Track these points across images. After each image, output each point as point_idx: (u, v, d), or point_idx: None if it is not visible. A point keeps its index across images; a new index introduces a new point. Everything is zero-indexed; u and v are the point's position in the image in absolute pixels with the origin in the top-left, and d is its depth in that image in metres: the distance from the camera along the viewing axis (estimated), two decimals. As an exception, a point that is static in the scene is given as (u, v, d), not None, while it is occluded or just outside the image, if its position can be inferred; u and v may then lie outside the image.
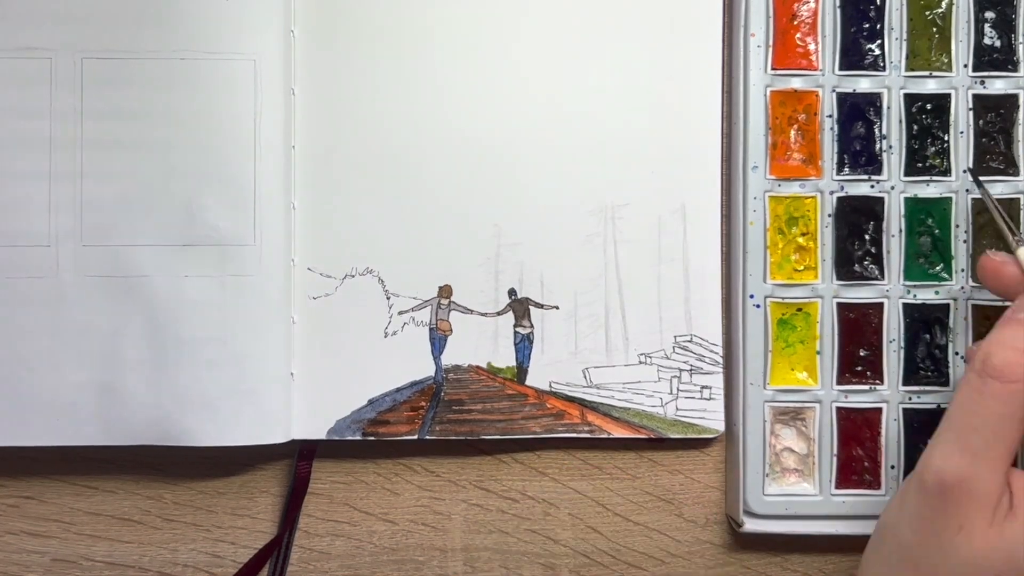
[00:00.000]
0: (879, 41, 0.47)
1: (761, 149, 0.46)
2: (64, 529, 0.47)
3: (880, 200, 0.46)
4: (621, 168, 0.47)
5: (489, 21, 0.47)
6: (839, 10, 0.47)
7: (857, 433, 0.46)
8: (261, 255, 0.45)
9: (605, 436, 0.47)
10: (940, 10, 0.47)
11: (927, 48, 0.47)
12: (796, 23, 0.47)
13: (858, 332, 0.47)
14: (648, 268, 0.47)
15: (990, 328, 0.46)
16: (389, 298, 0.46)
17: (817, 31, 0.47)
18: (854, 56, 0.47)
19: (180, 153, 0.44)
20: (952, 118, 0.46)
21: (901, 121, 0.47)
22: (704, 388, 0.47)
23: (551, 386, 0.47)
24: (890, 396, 0.46)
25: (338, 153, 0.46)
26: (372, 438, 0.46)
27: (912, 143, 0.47)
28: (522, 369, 0.47)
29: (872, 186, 0.46)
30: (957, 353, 0.46)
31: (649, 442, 0.47)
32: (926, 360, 0.47)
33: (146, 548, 0.47)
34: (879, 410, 0.46)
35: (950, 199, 0.46)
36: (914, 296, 0.46)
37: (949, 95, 0.47)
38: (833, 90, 0.47)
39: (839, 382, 0.46)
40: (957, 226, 0.46)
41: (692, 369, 0.47)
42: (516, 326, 0.47)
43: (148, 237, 0.44)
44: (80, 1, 0.44)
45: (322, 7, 0.46)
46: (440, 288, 0.47)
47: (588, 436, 0.46)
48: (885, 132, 0.47)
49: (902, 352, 0.46)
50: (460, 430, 0.46)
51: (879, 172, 0.47)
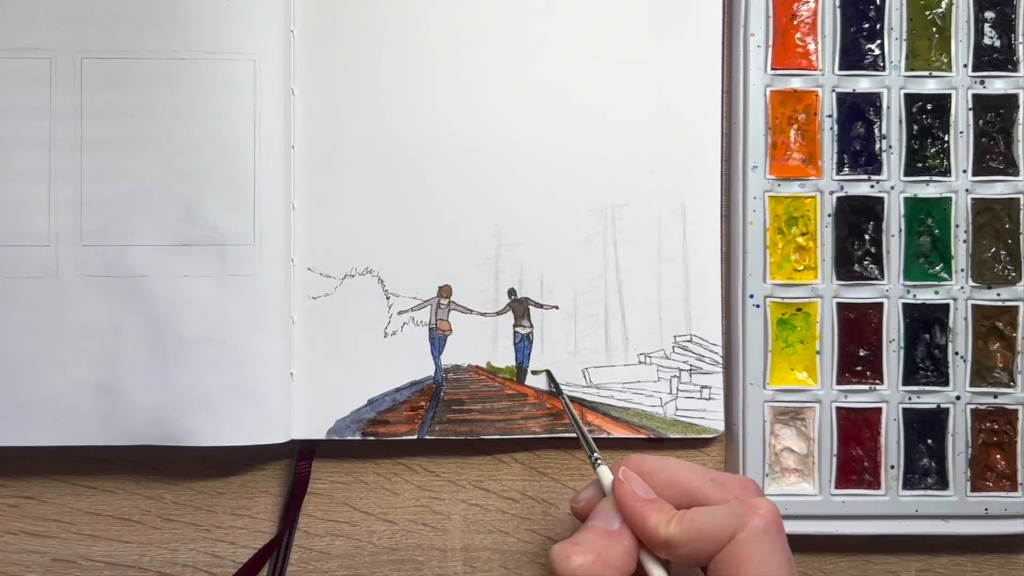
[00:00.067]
0: (879, 41, 0.47)
1: (761, 149, 0.46)
2: (64, 529, 0.47)
3: (880, 200, 0.46)
4: (621, 168, 0.47)
5: (489, 21, 0.47)
6: (839, 10, 0.47)
7: (857, 433, 0.46)
8: (261, 255, 0.45)
9: (605, 436, 0.47)
10: (940, 10, 0.47)
11: (927, 48, 0.47)
12: (796, 23, 0.47)
13: (858, 332, 0.47)
14: (648, 268, 0.47)
15: (990, 328, 0.46)
16: (389, 298, 0.46)
17: (817, 31, 0.47)
18: (854, 56, 0.47)
19: (180, 153, 0.44)
20: (952, 118, 0.46)
21: (901, 121, 0.47)
22: (704, 388, 0.47)
23: (551, 386, 0.47)
24: (890, 396, 0.46)
25: (338, 153, 0.46)
26: (372, 438, 0.46)
27: (912, 143, 0.47)
28: (522, 369, 0.47)
29: (872, 186, 0.46)
30: (957, 353, 0.46)
31: (649, 442, 0.47)
32: (926, 360, 0.47)
33: (146, 548, 0.47)
34: (879, 410, 0.46)
35: (950, 199, 0.46)
36: (914, 296, 0.46)
37: (949, 95, 0.47)
38: (833, 90, 0.47)
39: (839, 382, 0.46)
40: (957, 226, 0.46)
41: (692, 369, 0.47)
42: (516, 326, 0.47)
43: (148, 237, 0.44)
44: (80, 1, 0.44)
45: (322, 7, 0.46)
46: (440, 288, 0.47)
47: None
48: (885, 132, 0.47)
49: (902, 352, 0.46)
50: (460, 430, 0.46)
51: (879, 172, 0.47)
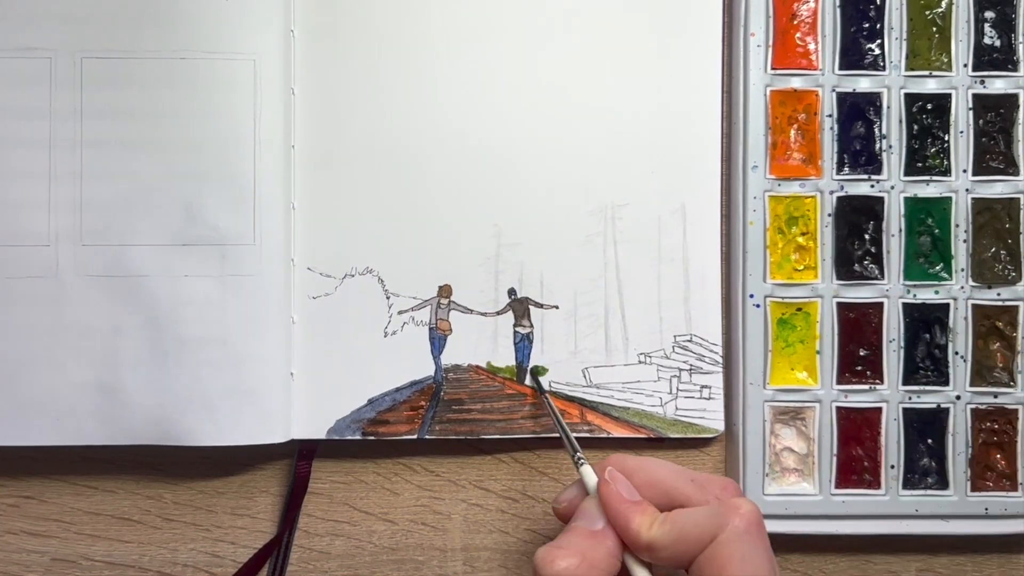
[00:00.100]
0: (879, 41, 0.47)
1: (761, 149, 0.46)
2: (64, 529, 0.47)
3: (880, 200, 0.46)
4: (621, 168, 0.47)
5: (489, 21, 0.47)
6: (839, 10, 0.47)
7: (857, 433, 0.46)
8: (261, 255, 0.45)
9: (605, 436, 0.47)
10: (940, 10, 0.47)
11: (927, 48, 0.47)
12: (796, 23, 0.47)
13: (858, 332, 0.47)
14: (648, 268, 0.47)
15: (990, 327, 0.46)
16: (389, 298, 0.46)
17: (817, 31, 0.47)
18: (854, 56, 0.47)
19: (180, 153, 0.44)
20: (952, 118, 0.46)
21: (901, 121, 0.47)
22: (704, 388, 0.47)
23: (551, 386, 0.47)
24: (890, 396, 0.46)
25: (338, 153, 0.46)
26: (372, 438, 0.46)
27: (912, 143, 0.47)
28: (522, 369, 0.47)
29: (872, 186, 0.46)
30: (957, 353, 0.46)
31: (649, 442, 0.47)
32: (926, 360, 0.47)
33: (146, 548, 0.47)
34: (879, 410, 0.46)
35: (950, 199, 0.46)
36: (914, 296, 0.46)
37: (949, 95, 0.46)
38: (833, 90, 0.46)
39: (839, 382, 0.46)
40: (957, 226, 0.46)
41: (692, 369, 0.47)
42: (516, 326, 0.47)
43: (148, 237, 0.44)
44: (80, 1, 0.44)
45: (322, 7, 0.46)
46: (440, 288, 0.47)
47: (588, 436, 0.46)
48: (885, 132, 0.47)
49: (902, 352, 0.46)
50: (460, 430, 0.46)
51: (879, 172, 0.47)
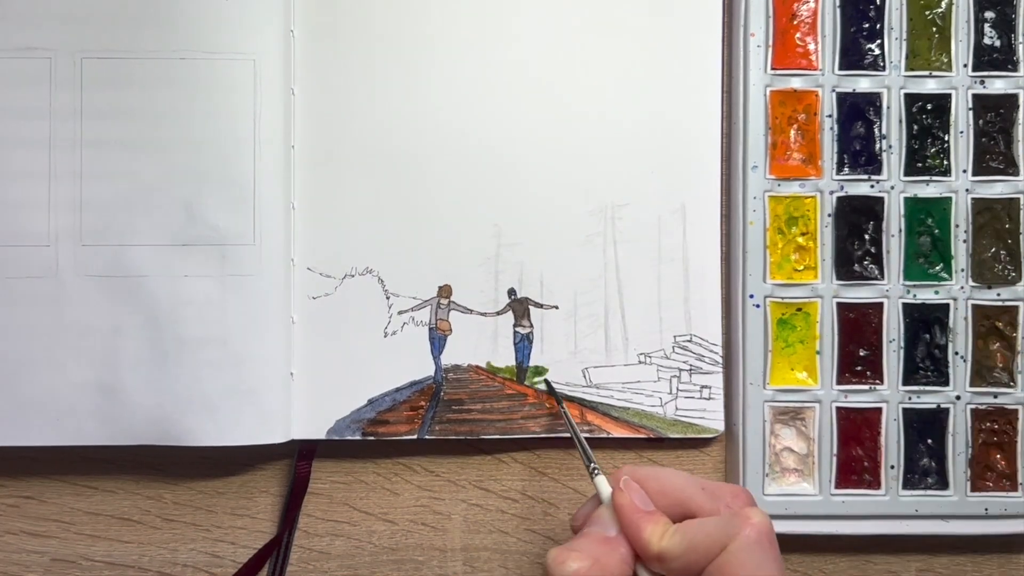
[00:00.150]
0: (879, 41, 0.47)
1: (761, 149, 0.46)
2: (64, 529, 0.47)
3: (880, 200, 0.46)
4: (621, 168, 0.47)
5: (489, 21, 0.47)
6: (839, 10, 0.47)
7: (857, 433, 0.46)
8: (261, 255, 0.45)
9: (605, 436, 0.47)
10: (940, 10, 0.47)
11: (927, 48, 0.47)
12: (796, 23, 0.47)
13: (858, 332, 0.47)
14: (648, 268, 0.47)
15: (990, 328, 0.46)
16: (389, 298, 0.46)
17: (817, 31, 0.47)
18: (854, 56, 0.47)
19: (180, 153, 0.44)
20: (952, 118, 0.46)
21: (901, 121, 0.47)
22: (704, 388, 0.47)
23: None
24: (890, 396, 0.46)
25: (338, 153, 0.46)
26: (372, 438, 0.46)
27: (912, 143, 0.47)
28: (522, 369, 0.47)
29: (872, 186, 0.46)
30: (957, 353, 0.46)
31: (649, 442, 0.47)
32: (926, 360, 0.47)
33: (146, 548, 0.47)
34: (879, 410, 0.46)
35: (950, 199, 0.46)
36: (914, 296, 0.46)
37: (949, 95, 0.46)
38: (833, 90, 0.46)
39: (839, 382, 0.46)
40: (957, 226, 0.46)
41: (692, 369, 0.47)
42: (516, 326, 0.47)
43: (148, 237, 0.44)
44: (80, 1, 0.44)
45: (322, 7, 0.46)
46: (440, 288, 0.47)
47: (588, 436, 0.46)
48: (885, 132, 0.47)
49: (902, 352, 0.46)
50: (460, 430, 0.46)
51: (879, 172, 0.47)
